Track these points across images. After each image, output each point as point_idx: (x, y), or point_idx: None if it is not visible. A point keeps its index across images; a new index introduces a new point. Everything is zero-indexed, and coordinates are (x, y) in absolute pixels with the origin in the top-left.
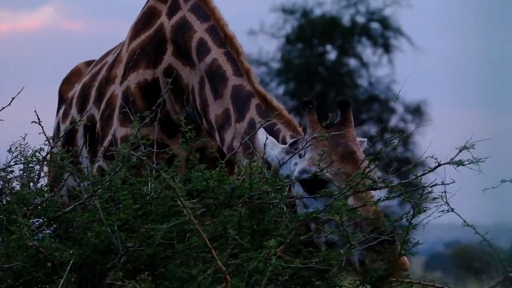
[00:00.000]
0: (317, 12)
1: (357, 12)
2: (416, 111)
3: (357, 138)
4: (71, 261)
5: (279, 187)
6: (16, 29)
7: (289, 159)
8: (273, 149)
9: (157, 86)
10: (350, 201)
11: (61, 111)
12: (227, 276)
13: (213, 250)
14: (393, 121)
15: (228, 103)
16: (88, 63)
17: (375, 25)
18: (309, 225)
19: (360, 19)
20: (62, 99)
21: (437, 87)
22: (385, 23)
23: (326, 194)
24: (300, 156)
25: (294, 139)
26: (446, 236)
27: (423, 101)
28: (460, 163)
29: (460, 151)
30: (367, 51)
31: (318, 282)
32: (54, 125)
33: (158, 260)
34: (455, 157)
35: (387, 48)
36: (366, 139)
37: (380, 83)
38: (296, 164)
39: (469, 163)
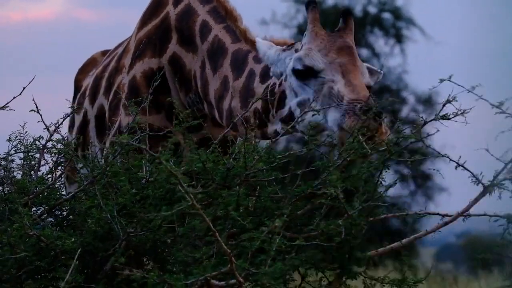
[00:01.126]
0: (329, 2)
1: (369, 2)
2: (428, 102)
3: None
4: (78, 250)
5: (274, 164)
6: (28, 18)
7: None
8: (271, 49)
9: (163, 75)
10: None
11: (76, 100)
12: (232, 258)
13: (217, 233)
14: (404, 111)
15: (227, 70)
16: (104, 53)
17: (387, 16)
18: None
19: (372, 9)
20: (77, 88)
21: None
22: (397, 13)
23: (321, 166)
24: (296, 51)
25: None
26: (457, 227)
27: (434, 91)
28: (445, 117)
29: (444, 104)
30: (379, 42)
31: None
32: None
33: (159, 244)
34: (440, 111)
35: (399, 39)
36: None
37: (392, 73)
38: (291, 59)
39: (454, 116)
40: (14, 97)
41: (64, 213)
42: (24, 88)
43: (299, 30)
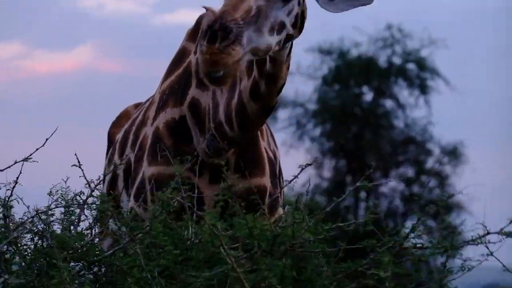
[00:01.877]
0: (354, 52)
1: (394, 53)
2: (453, 153)
3: None
4: None
5: (321, 236)
6: (53, 69)
7: None
8: None
9: (185, 124)
10: None
11: (109, 154)
12: None
13: None
14: (429, 163)
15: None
16: (136, 106)
17: (411, 66)
18: None
19: (397, 60)
20: (111, 142)
21: (475, 129)
22: (421, 64)
23: (371, 245)
24: None
25: None
26: (484, 280)
27: (459, 142)
28: (509, 234)
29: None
30: (404, 92)
31: None
32: (104, 167)
33: None
34: (505, 227)
35: (423, 89)
36: None
37: (417, 125)
38: None
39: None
40: (37, 149)
41: (103, 269)
42: (47, 139)
43: (324, 82)
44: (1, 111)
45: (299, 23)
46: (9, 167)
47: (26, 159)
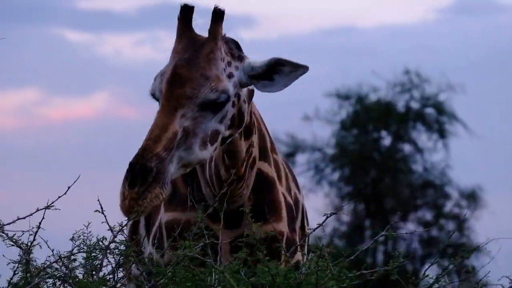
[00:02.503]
0: (372, 97)
1: (412, 97)
2: (471, 197)
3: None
4: None
5: (345, 285)
6: (69, 116)
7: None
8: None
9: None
10: None
11: None
12: None
13: None
14: (448, 206)
15: None
16: None
17: (429, 111)
18: None
19: (415, 105)
20: None
21: (494, 172)
22: (439, 108)
23: None
24: None
25: None
26: None
27: (478, 186)
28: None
29: None
30: (422, 137)
31: None
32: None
33: None
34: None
35: (442, 134)
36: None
37: (435, 169)
38: None
39: None
40: (59, 197)
41: None
42: (69, 187)
43: (342, 126)
44: (20, 158)
45: (236, 121)
46: (31, 214)
47: (48, 207)
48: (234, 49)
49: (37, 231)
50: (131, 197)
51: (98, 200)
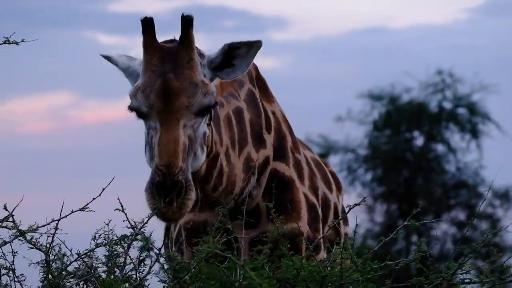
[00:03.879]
0: (405, 98)
1: (444, 98)
2: (505, 196)
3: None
4: None
5: (370, 276)
6: (103, 118)
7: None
8: (121, 57)
9: None
10: None
11: None
12: None
13: None
14: (481, 206)
15: None
16: None
17: (462, 111)
18: None
19: (447, 105)
20: None
21: None
22: (472, 108)
23: (417, 283)
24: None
25: None
26: None
27: (511, 186)
28: None
29: None
30: (455, 137)
31: None
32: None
33: None
34: None
35: (474, 134)
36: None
37: (468, 169)
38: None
39: None
40: (93, 198)
41: None
42: (103, 189)
43: (375, 127)
44: (53, 161)
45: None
46: (65, 216)
47: (82, 209)
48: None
49: (54, 233)
50: (173, 211)
51: (118, 198)
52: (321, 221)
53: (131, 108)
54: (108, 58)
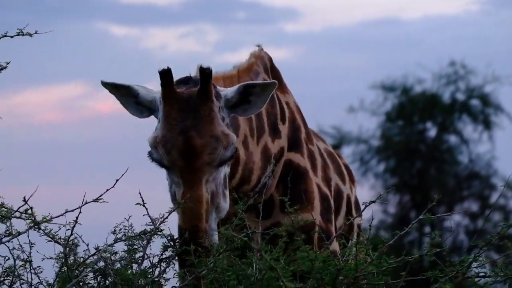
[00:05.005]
0: (417, 89)
1: (457, 89)
2: None
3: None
4: None
5: (384, 268)
6: (115, 109)
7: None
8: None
9: None
10: None
11: None
12: None
13: None
14: (494, 197)
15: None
16: None
17: (475, 102)
18: None
19: (460, 96)
20: None
21: None
22: (485, 100)
23: (432, 275)
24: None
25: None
26: None
27: None
28: None
29: None
30: (467, 128)
31: None
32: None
33: None
34: None
35: (487, 125)
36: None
37: (481, 160)
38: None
39: None
40: (107, 190)
41: None
42: (117, 180)
43: (388, 118)
44: (66, 151)
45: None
46: (79, 207)
47: (96, 200)
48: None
49: (74, 226)
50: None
51: (139, 193)
52: (333, 212)
53: (152, 159)
54: (116, 85)
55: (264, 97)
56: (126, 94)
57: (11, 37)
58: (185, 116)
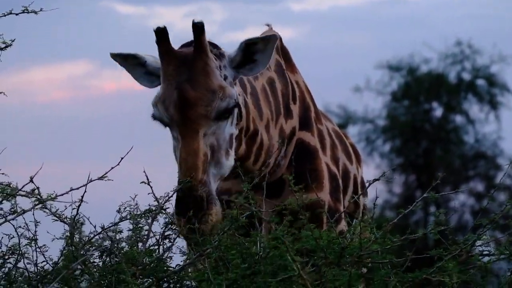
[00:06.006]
0: (423, 69)
1: (463, 69)
2: None
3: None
4: None
5: (388, 247)
6: (121, 87)
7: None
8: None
9: None
10: None
11: None
12: None
13: None
14: (499, 177)
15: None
16: None
17: (481, 82)
18: None
19: (466, 76)
20: None
21: None
22: (491, 80)
23: (436, 254)
24: None
25: None
26: None
27: None
28: None
29: None
30: (474, 108)
31: None
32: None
33: None
34: None
35: (493, 105)
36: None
37: (487, 140)
38: None
39: None
40: (112, 168)
41: (172, 285)
42: (122, 158)
43: (394, 97)
44: (72, 129)
45: (240, 115)
46: (84, 185)
47: (101, 178)
48: (213, 49)
49: (79, 205)
50: (193, 229)
51: (144, 171)
52: (341, 191)
53: (154, 117)
54: (124, 56)
55: (268, 52)
56: (135, 64)
57: (16, 14)
58: (181, 72)
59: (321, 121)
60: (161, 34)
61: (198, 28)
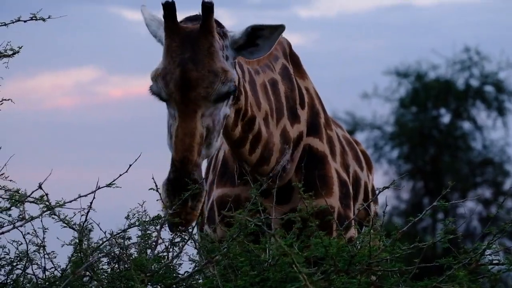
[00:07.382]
0: (431, 75)
1: (471, 75)
2: None
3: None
4: None
5: (398, 255)
6: (128, 93)
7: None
8: (153, 21)
9: None
10: None
11: None
12: None
13: None
14: (507, 184)
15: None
16: None
17: (489, 89)
18: None
19: (474, 83)
20: None
21: None
22: (499, 86)
23: (446, 263)
24: None
25: None
26: None
27: None
28: None
29: None
30: (481, 114)
31: None
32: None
33: None
34: None
35: (501, 111)
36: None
37: (494, 146)
38: None
39: None
40: (120, 175)
41: None
42: (130, 165)
43: (402, 104)
44: (79, 136)
45: (237, 99)
46: (92, 192)
47: (109, 185)
48: (217, 28)
49: (88, 211)
50: (187, 212)
51: (153, 178)
52: (351, 198)
53: (152, 92)
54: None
55: (272, 40)
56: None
57: (24, 21)
58: (185, 49)
59: (331, 127)
60: (169, 10)
61: (207, 8)
